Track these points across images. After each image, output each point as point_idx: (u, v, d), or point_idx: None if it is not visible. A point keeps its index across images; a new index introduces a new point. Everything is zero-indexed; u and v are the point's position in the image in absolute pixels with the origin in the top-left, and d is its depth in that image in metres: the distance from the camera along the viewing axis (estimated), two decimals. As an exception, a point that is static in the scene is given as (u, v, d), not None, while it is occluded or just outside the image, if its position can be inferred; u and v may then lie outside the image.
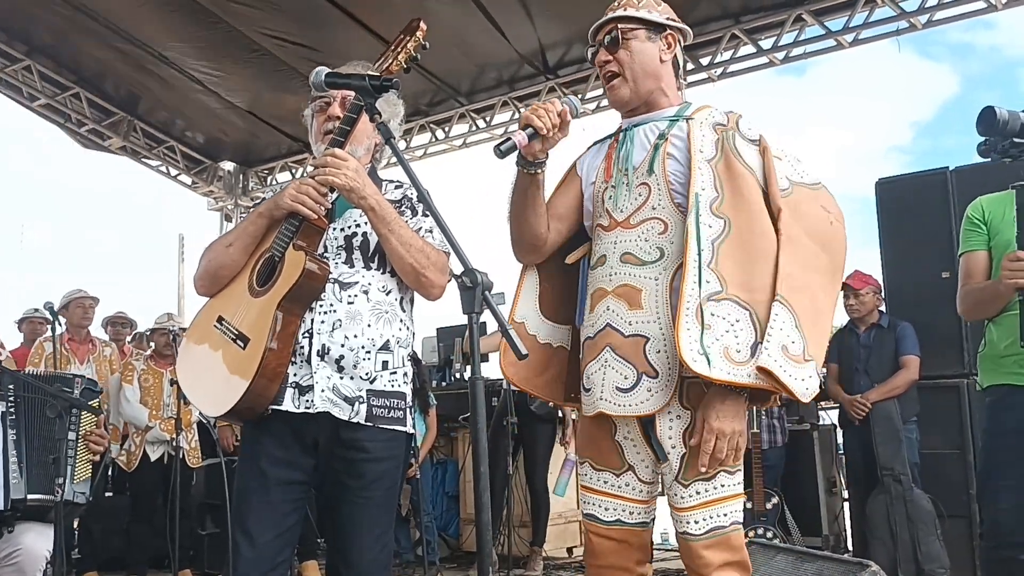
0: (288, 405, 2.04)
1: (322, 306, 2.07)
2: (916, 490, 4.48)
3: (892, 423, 4.55)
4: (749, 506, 4.84)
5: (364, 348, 2.07)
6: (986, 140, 2.45)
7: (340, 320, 2.07)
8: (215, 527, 5.63)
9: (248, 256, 2.14)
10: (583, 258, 2.15)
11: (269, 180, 9.09)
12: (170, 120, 8.45)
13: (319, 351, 2.05)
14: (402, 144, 5.04)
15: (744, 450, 1.93)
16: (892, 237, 4.98)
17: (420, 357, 6.04)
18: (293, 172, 8.87)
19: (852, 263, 5.35)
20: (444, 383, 6.51)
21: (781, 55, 6.46)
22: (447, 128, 7.92)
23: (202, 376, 2.13)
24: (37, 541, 2.75)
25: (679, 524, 1.94)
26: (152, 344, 5.86)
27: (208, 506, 5.67)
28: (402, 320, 2.17)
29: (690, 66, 6.45)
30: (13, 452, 2.71)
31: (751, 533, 4.72)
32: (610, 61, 2.08)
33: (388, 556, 2.16)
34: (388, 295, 2.14)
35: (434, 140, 8.06)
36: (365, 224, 2.12)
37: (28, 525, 2.77)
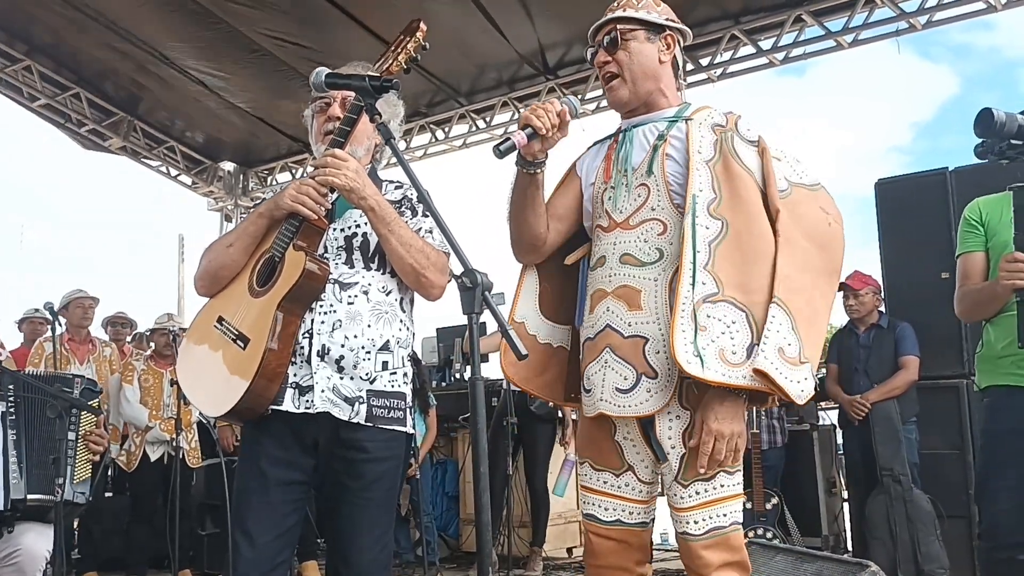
0: (288, 405, 2.04)
1: (322, 306, 2.07)
2: (916, 490, 4.48)
3: (892, 423, 4.55)
4: (749, 506, 4.84)
5: (364, 348, 2.07)
6: (983, 142, 2.46)
7: (340, 320, 2.07)
8: (215, 527, 5.63)
9: (248, 256, 2.14)
10: (583, 259, 2.15)
11: (269, 180, 9.09)
12: (170, 120, 8.45)
13: (319, 351, 2.05)
14: (402, 144, 5.04)
15: (743, 451, 1.93)
16: (892, 237, 4.98)
17: (420, 357, 6.05)
18: (293, 172, 8.86)
19: (852, 263, 5.36)
20: (444, 383, 6.51)
21: (781, 56, 6.46)
22: (447, 128, 7.92)
23: (202, 376, 2.14)
24: (37, 541, 2.75)
25: (679, 524, 1.94)
26: (152, 344, 5.86)
27: (208, 506, 5.67)
28: (402, 320, 2.17)
29: (690, 67, 6.45)
30: (13, 452, 2.71)
31: (751, 533, 4.72)
32: (609, 62, 2.08)
33: (388, 556, 2.16)
34: (388, 295, 2.14)
35: (434, 140, 8.06)
36: (365, 224, 2.12)
37: (28, 525, 2.77)
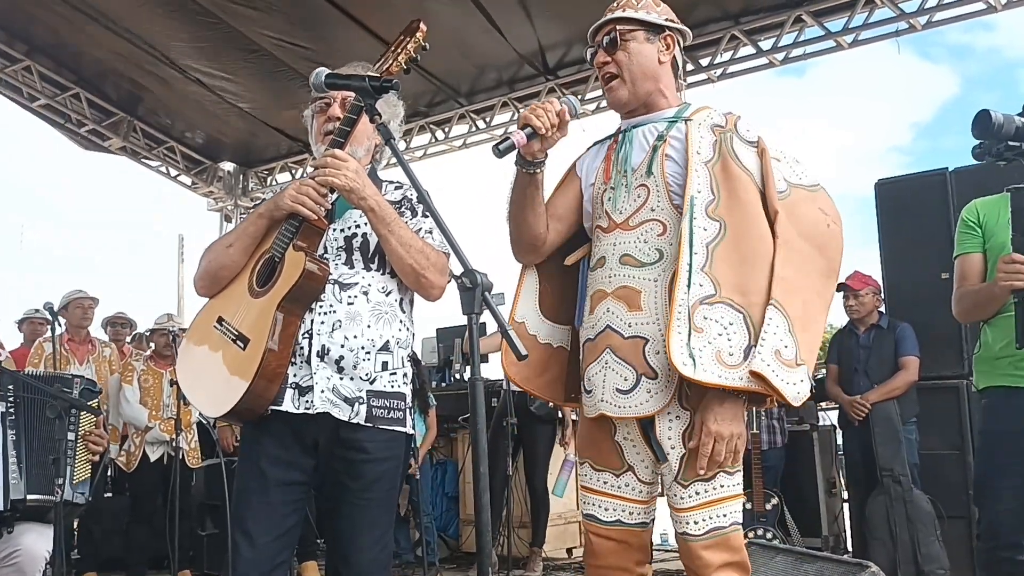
0: (288, 406, 2.04)
1: (322, 307, 2.07)
2: (916, 491, 4.48)
3: (892, 424, 4.55)
4: (749, 507, 4.84)
5: (364, 349, 2.07)
6: (981, 143, 2.46)
7: (340, 321, 2.07)
8: (215, 528, 5.63)
9: (248, 257, 2.14)
10: (582, 259, 2.15)
11: (269, 181, 9.09)
12: (170, 121, 8.45)
13: (319, 352, 2.05)
14: (402, 145, 5.04)
15: (743, 451, 1.93)
16: (891, 237, 4.99)
17: (420, 358, 6.04)
18: (293, 173, 8.86)
19: (852, 263, 5.36)
20: (444, 384, 6.51)
21: (781, 56, 6.46)
22: (447, 129, 7.91)
23: (202, 377, 2.13)
24: (37, 542, 2.75)
25: (678, 524, 1.94)
26: (152, 345, 5.87)
27: (208, 507, 5.67)
28: (402, 321, 2.17)
29: (690, 67, 6.45)
30: (13, 452, 2.71)
31: (751, 534, 4.72)
32: (609, 62, 2.07)
33: (388, 557, 2.16)
34: (388, 296, 2.14)
35: (434, 141, 8.06)
36: (365, 225, 2.12)
37: (28, 525, 2.77)
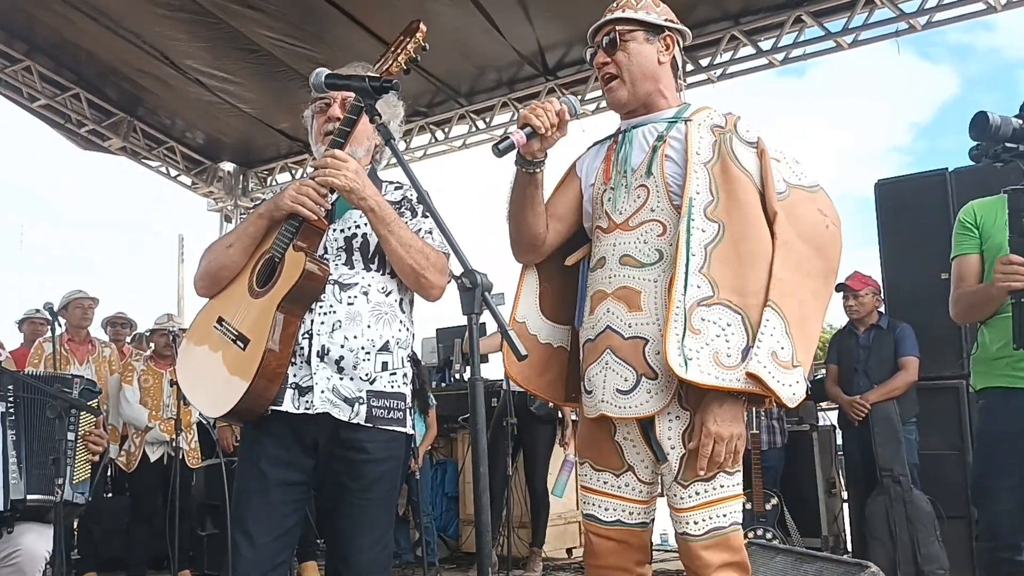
0: (288, 406, 2.04)
1: (322, 307, 2.07)
2: (915, 491, 4.48)
3: (891, 424, 4.55)
4: (748, 507, 4.84)
5: (364, 349, 2.07)
6: (978, 145, 2.47)
7: (340, 321, 2.07)
8: (215, 528, 5.63)
9: (248, 257, 2.14)
10: (583, 260, 2.15)
11: (269, 181, 9.09)
12: (170, 121, 8.46)
13: (319, 352, 2.05)
14: (402, 145, 5.03)
15: (743, 451, 1.93)
16: (891, 238, 4.99)
17: (420, 358, 6.04)
18: (293, 173, 8.87)
19: (851, 263, 5.37)
20: (444, 384, 6.51)
21: (781, 56, 6.46)
22: (447, 129, 7.91)
23: (202, 377, 2.14)
24: (37, 542, 2.75)
25: (678, 525, 1.94)
26: (152, 345, 5.86)
27: (208, 507, 5.67)
28: (402, 321, 2.17)
29: (690, 67, 6.45)
30: (12, 452, 2.71)
31: (750, 534, 4.72)
32: (608, 63, 2.08)
33: (388, 557, 2.16)
34: (388, 296, 2.14)
35: (434, 141, 8.06)
36: (365, 225, 2.12)
37: (27, 526, 2.77)
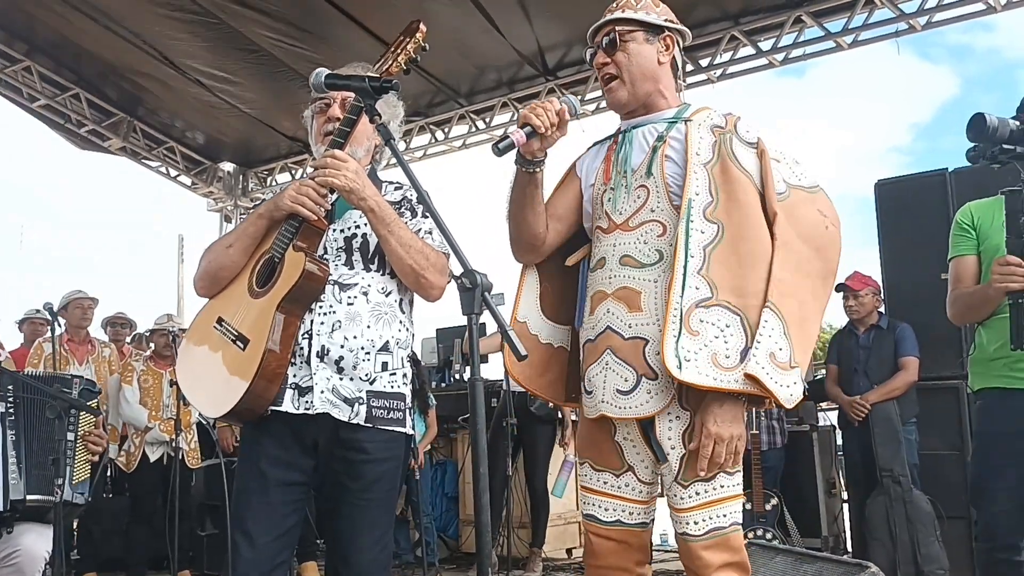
0: (288, 406, 2.04)
1: (321, 307, 2.07)
2: (915, 491, 4.48)
3: (891, 424, 4.55)
4: (748, 507, 4.84)
5: (363, 349, 2.07)
6: (975, 146, 2.47)
7: (340, 321, 2.07)
8: (214, 528, 5.63)
9: (248, 257, 2.14)
10: (583, 260, 2.15)
11: (269, 181, 9.09)
12: (170, 121, 8.45)
13: (319, 352, 2.05)
14: (402, 145, 5.03)
15: (743, 452, 1.93)
16: (891, 238, 4.99)
17: (420, 358, 6.04)
18: (293, 173, 8.86)
19: (851, 263, 5.37)
20: (443, 384, 6.51)
21: (780, 56, 6.46)
22: (447, 129, 7.91)
23: (202, 377, 2.13)
24: (36, 542, 2.75)
25: (678, 525, 1.94)
26: (151, 345, 5.86)
27: (207, 507, 5.67)
28: (401, 321, 2.17)
29: (689, 67, 6.45)
30: (12, 453, 2.71)
31: (750, 534, 4.72)
32: (608, 63, 2.07)
33: (387, 557, 2.16)
34: (387, 296, 2.14)
35: (434, 141, 8.06)
36: (365, 225, 2.12)
37: (27, 526, 2.77)
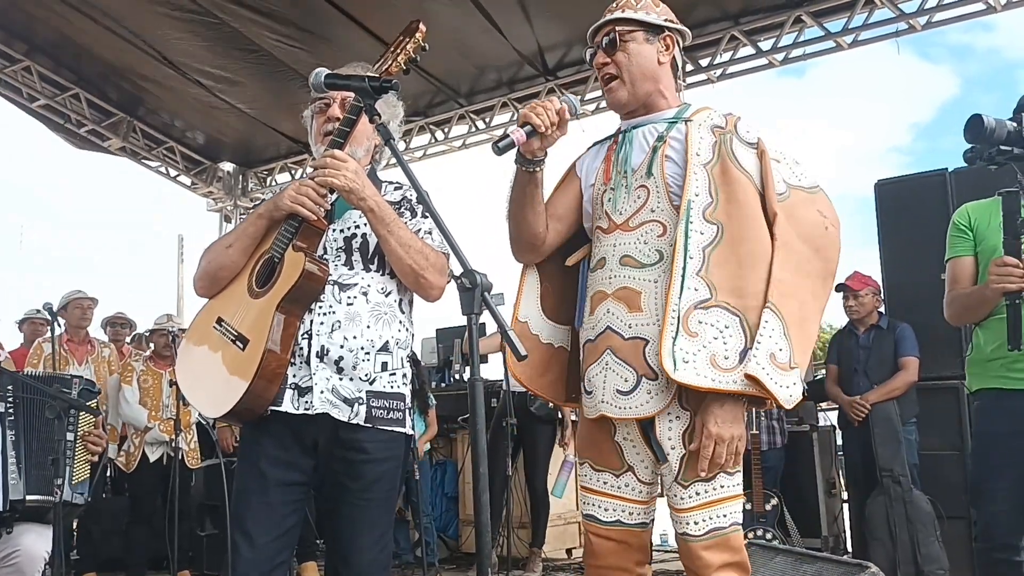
0: (287, 406, 2.04)
1: (321, 307, 2.07)
2: (915, 491, 4.48)
3: (891, 424, 4.55)
4: (748, 507, 4.84)
5: (363, 349, 2.07)
6: (973, 147, 2.48)
7: (339, 321, 2.07)
8: (214, 528, 5.63)
9: (247, 257, 2.14)
10: (583, 260, 2.15)
11: (268, 181, 9.09)
12: (169, 121, 8.45)
13: (318, 352, 2.05)
14: (401, 145, 5.04)
15: (743, 452, 1.93)
16: (891, 238, 4.99)
17: (419, 358, 6.04)
18: (292, 173, 8.86)
19: (851, 263, 5.37)
20: (444, 384, 6.51)
21: (780, 56, 6.46)
22: (446, 129, 7.91)
23: (201, 377, 2.13)
24: (36, 542, 2.75)
25: (678, 525, 1.94)
26: (151, 345, 5.86)
27: (207, 507, 5.67)
28: (401, 321, 2.17)
29: (689, 67, 6.45)
30: (12, 453, 2.71)
31: (750, 534, 4.72)
32: (608, 63, 2.07)
33: (387, 557, 2.16)
34: (387, 296, 2.14)
35: (433, 141, 8.06)
36: (364, 225, 2.12)
37: (27, 526, 2.77)
